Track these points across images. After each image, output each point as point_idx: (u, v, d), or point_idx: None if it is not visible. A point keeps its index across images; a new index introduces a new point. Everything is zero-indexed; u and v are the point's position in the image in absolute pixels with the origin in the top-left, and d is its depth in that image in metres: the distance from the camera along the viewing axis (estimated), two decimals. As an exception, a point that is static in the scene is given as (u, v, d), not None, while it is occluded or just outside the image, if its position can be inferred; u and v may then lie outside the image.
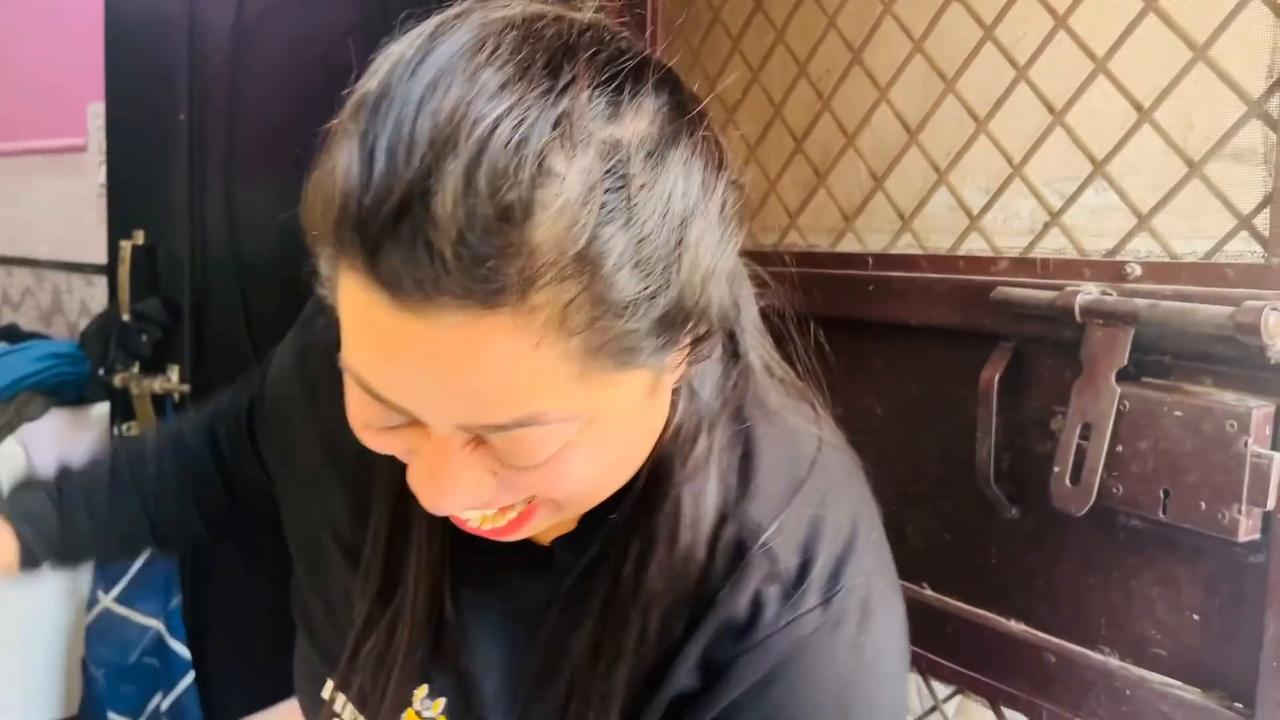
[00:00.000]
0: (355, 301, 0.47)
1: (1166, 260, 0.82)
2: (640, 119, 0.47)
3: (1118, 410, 0.80)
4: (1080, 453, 0.82)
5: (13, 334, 2.46)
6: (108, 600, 1.93)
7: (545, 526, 0.58)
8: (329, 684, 0.72)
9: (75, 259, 2.42)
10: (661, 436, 0.59)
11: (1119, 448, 0.81)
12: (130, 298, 1.89)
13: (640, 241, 0.45)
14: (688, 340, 0.52)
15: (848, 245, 1.09)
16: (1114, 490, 0.81)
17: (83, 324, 2.33)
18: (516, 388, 0.46)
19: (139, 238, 1.92)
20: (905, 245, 1.03)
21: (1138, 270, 0.82)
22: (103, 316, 2.06)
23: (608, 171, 0.44)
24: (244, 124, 1.79)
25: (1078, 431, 0.82)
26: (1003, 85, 0.93)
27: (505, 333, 0.44)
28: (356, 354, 0.48)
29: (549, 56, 0.45)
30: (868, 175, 1.06)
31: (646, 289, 0.46)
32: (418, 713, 0.67)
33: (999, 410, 0.90)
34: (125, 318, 1.90)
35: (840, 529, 0.61)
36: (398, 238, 0.42)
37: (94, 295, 2.40)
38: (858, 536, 0.61)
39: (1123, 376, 0.81)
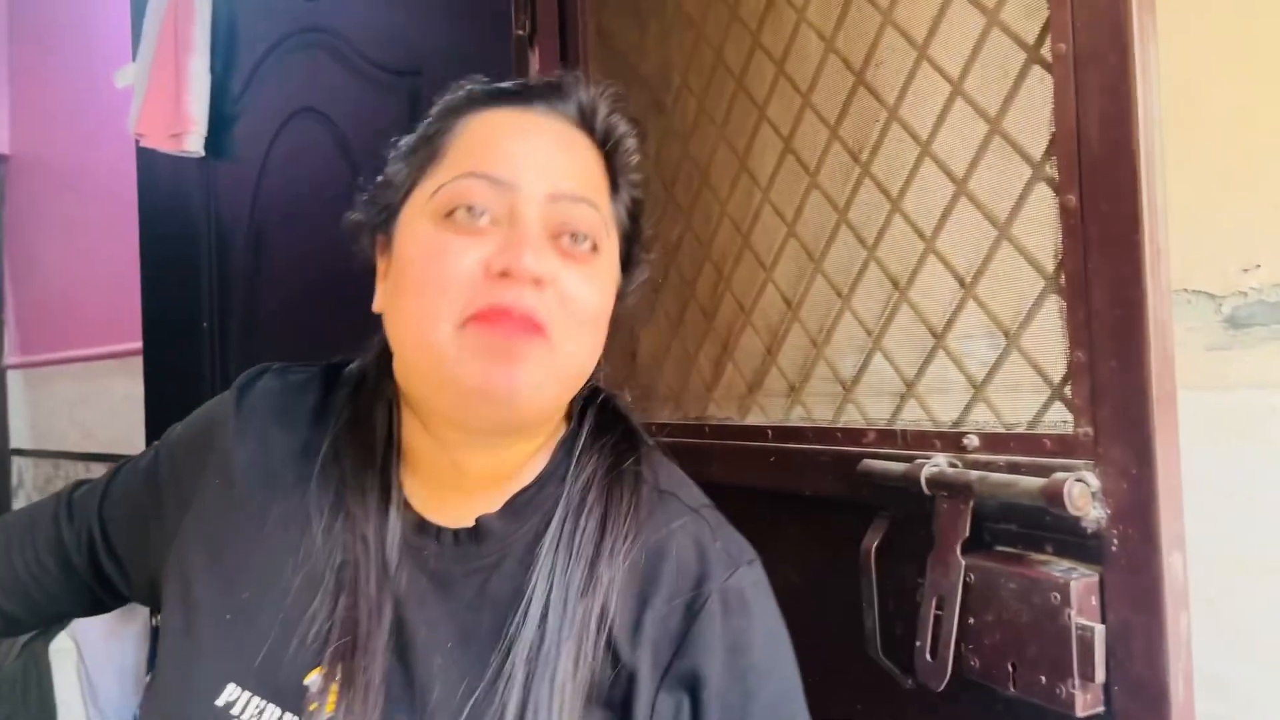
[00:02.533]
0: (498, 121, 0.70)
1: (1000, 431, 0.84)
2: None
3: (965, 582, 0.81)
4: (938, 625, 0.83)
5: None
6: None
7: (535, 378, 0.65)
8: (229, 688, 0.70)
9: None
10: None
11: (970, 620, 0.81)
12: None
13: (636, 183, 0.77)
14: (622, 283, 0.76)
15: (753, 417, 1.12)
16: (971, 663, 0.81)
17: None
18: (589, 177, 0.71)
19: (174, 436, 2.07)
20: (798, 417, 1.06)
21: (975, 441, 0.84)
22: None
23: (635, 135, 0.76)
24: (261, 327, 1.94)
25: (934, 604, 0.83)
26: (858, 263, 0.98)
27: (589, 148, 0.73)
28: (484, 157, 0.67)
29: None
30: (764, 348, 1.11)
31: (633, 199, 0.76)
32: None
33: (884, 580, 0.91)
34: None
35: (735, 539, 0.76)
36: (550, 88, 0.72)
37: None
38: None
39: (973, 547, 0.82)
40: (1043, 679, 0.75)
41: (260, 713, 0.67)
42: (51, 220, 3.18)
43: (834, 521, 1.00)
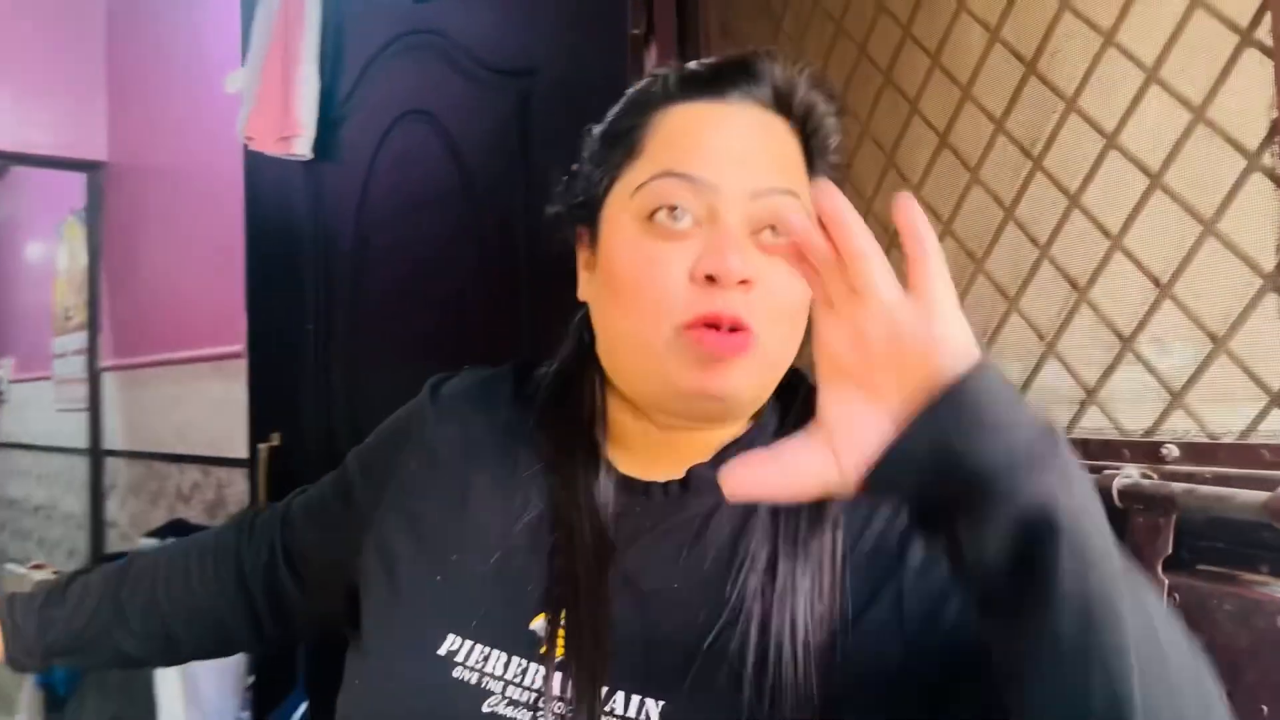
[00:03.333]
0: (693, 116, 0.68)
1: (1205, 440, 0.78)
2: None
3: (1168, 603, 0.76)
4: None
5: (179, 528, 2.66)
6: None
7: (745, 382, 0.65)
8: (449, 639, 0.70)
9: (237, 455, 2.61)
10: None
11: (1174, 643, 0.75)
12: (269, 495, 2.03)
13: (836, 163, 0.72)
14: None
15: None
16: (1175, 690, 0.75)
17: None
18: (788, 166, 0.68)
19: (275, 439, 2.08)
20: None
21: (1175, 451, 0.79)
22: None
23: (834, 112, 0.71)
24: (364, 330, 1.94)
25: (1129, 625, 0.78)
26: (1028, 263, 0.93)
27: (786, 133, 0.69)
28: (683, 154, 0.66)
29: None
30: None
31: (832, 179, 0.68)
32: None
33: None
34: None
35: None
36: (743, 73, 0.68)
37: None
38: None
39: (1174, 564, 0.77)
40: (1264, 709, 0.69)
41: (485, 658, 0.67)
42: (150, 226, 3.24)
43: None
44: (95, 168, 3.55)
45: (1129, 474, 0.80)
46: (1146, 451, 0.81)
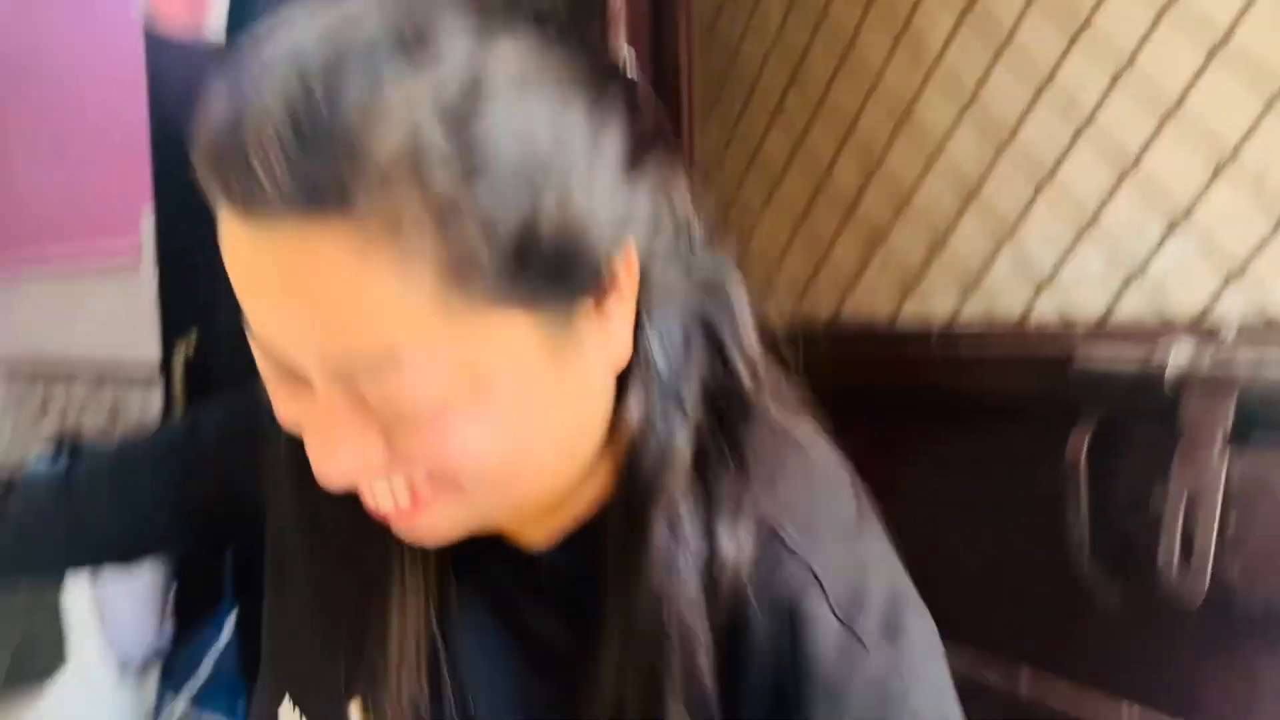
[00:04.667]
0: (225, 237, 0.47)
1: (1264, 321, 0.75)
2: (506, 52, 0.46)
3: (1226, 482, 0.73)
4: (1186, 531, 0.75)
5: (72, 449, 2.48)
6: (180, 704, 1.92)
7: (456, 524, 0.53)
8: (285, 703, 0.66)
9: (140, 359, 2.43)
10: (626, 431, 0.54)
11: (1230, 524, 0.73)
12: (185, 404, 1.89)
13: (485, 166, 0.44)
14: (575, 298, 0.49)
15: (908, 317, 1.03)
16: (1229, 571, 0.73)
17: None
18: (362, 308, 0.44)
19: (190, 345, 1.93)
20: (970, 315, 0.97)
21: (1231, 330, 0.76)
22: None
23: (461, 87, 0.44)
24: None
25: (1182, 508, 0.75)
26: (1065, 135, 0.88)
27: (335, 240, 0.43)
28: (240, 298, 0.48)
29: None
30: (925, 241, 1.00)
31: (492, 215, 0.44)
32: None
33: (1093, 487, 0.83)
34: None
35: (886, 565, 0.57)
36: (235, 152, 0.43)
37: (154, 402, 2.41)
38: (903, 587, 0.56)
39: (1230, 441, 0.74)
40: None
41: None
42: (24, 113, 2.96)
43: (1016, 427, 0.91)
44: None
45: (1182, 353, 0.76)
46: (1197, 331, 0.78)
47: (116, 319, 2.53)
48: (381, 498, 0.51)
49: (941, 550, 0.98)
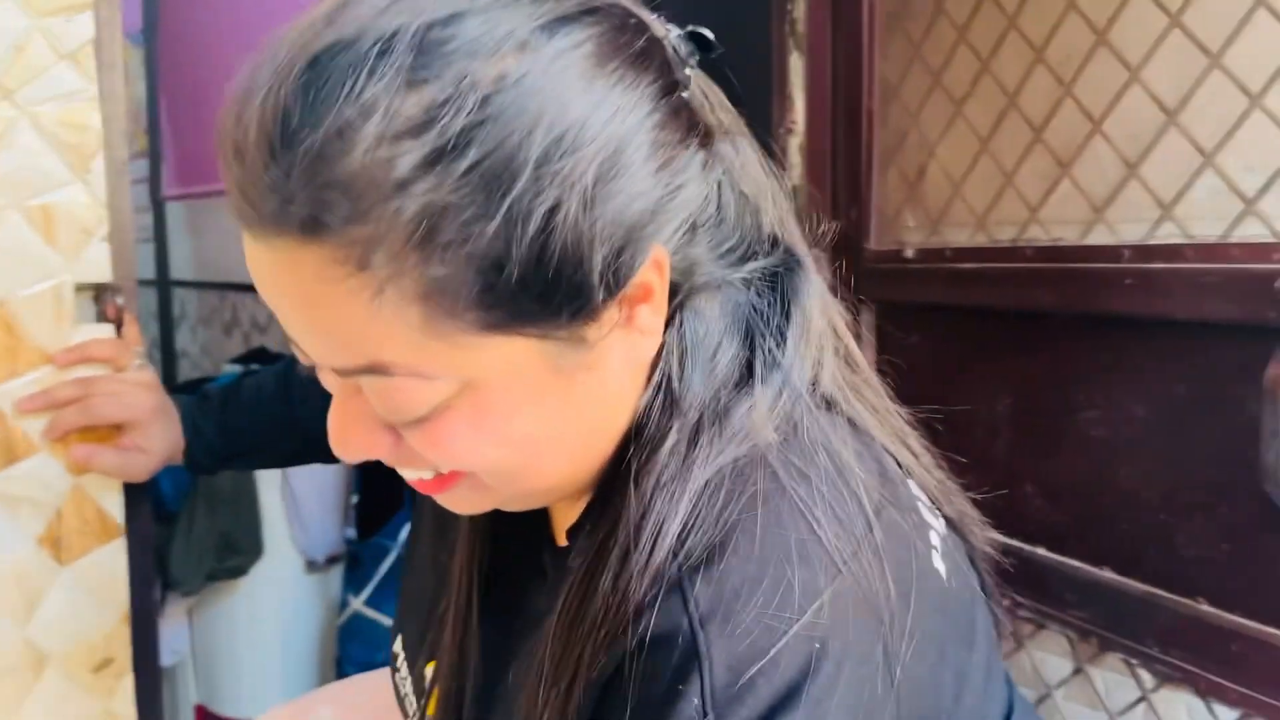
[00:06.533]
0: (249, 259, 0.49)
1: None
2: (499, 72, 0.44)
3: None
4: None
5: (263, 356, 2.66)
6: (357, 603, 2.07)
7: (483, 503, 0.55)
8: (398, 641, 0.72)
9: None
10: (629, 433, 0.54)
11: None
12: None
13: (467, 196, 0.43)
14: (578, 319, 0.47)
15: (1098, 238, 1.02)
16: None
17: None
18: (349, 326, 0.45)
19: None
20: (1166, 235, 0.96)
21: None
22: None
23: (443, 104, 0.42)
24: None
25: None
26: (1275, 55, 0.85)
27: (318, 261, 0.44)
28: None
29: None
30: (1117, 163, 0.99)
31: (475, 245, 0.43)
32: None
33: (1288, 410, 0.83)
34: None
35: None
36: (227, 169, 0.46)
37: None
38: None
39: None
40: None
41: (405, 681, 0.67)
42: (211, 48, 3.12)
43: (1208, 348, 0.90)
44: (150, -13, 3.41)
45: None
46: None
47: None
48: (408, 472, 0.54)
49: (1122, 477, 0.99)
